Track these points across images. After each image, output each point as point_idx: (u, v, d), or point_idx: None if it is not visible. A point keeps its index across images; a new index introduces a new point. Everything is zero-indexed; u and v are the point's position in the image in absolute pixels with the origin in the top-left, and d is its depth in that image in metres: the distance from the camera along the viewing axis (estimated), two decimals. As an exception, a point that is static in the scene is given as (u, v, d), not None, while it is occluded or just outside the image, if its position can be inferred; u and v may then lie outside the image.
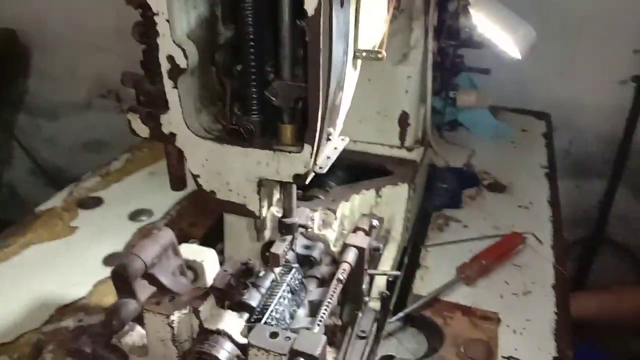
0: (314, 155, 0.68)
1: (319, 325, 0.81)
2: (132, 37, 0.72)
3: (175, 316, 0.79)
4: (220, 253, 1.11)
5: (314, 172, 0.69)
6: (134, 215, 1.36)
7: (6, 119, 3.09)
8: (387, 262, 1.13)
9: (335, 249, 1.03)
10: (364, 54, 0.74)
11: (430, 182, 1.46)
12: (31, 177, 3.26)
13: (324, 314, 0.82)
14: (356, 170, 1.23)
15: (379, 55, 0.74)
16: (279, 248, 0.78)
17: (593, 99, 2.14)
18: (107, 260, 1.21)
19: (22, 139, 3.13)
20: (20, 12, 2.74)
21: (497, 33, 0.82)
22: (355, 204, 1.11)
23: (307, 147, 0.67)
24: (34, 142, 3.15)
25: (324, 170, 0.70)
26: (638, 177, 2.23)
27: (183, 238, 0.98)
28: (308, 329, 0.81)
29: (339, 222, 1.06)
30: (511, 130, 1.87)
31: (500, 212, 1.42)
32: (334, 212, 1.04)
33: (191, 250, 0.98)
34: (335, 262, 1.03)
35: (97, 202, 1.42)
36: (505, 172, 1.60)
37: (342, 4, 0.62)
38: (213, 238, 1.33)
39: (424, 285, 1.15)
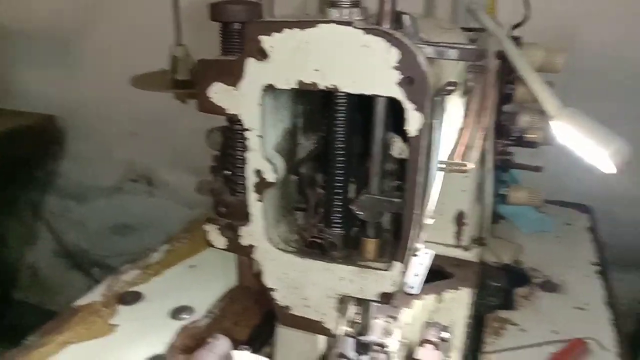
0: (404, 274, 0.64)
1: None
2: (162, 123, 0.72)
3: None
4: (268, 357, 1.05)
5: (405, 292, 0.66)
6: (176, 313, 1.31)
7: (35, 200, 3.11)
8: (452, 374, 1.06)
9: (398, 361, 0.97)
10: (448, 166, 0.72)
11: (479, 280, 1.40)
12: (54, 259, 3.23)
13: None
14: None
15: (464, 168, 0.72)
16: (358, 372, 0.73)
17: (632, 190, 2.10)
18: (149, 364, 1.15)
19: (50, 220, 3.13)
20: (59, 99, 2.83)
21: (589, 147, 0.81)
22: (416, 311, 1.05)
23: (397, 265, 0.64)
24: (61, 223, 3.15)
25: (417, 290, 0.66)
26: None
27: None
28: None
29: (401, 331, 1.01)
30: (554, 225, 1.83)
31: (557, 314, 1.35)
32: (397, 320, 0.99)
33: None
34: (399, 376, 0.97)
35: (136, 297, 1.37)
36: (556, 270, 1.54)
37: (440, 122, 0.61)
38: (258, 338, 1.27)
39: (489, 399, 1.07)
